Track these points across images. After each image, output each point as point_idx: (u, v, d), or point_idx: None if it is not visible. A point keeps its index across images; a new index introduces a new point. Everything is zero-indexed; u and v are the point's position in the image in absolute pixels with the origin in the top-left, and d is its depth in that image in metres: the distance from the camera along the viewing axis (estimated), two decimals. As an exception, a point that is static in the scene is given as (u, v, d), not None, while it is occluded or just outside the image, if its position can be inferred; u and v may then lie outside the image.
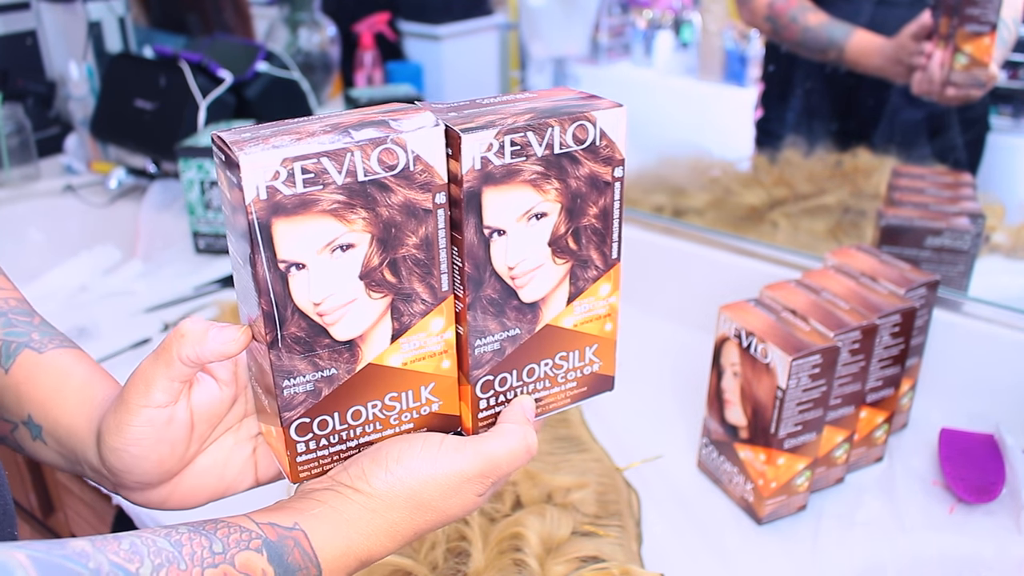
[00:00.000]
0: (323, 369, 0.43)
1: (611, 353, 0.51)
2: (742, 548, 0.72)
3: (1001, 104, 1.20)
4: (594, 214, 0.46)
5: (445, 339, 0.46)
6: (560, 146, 0.43)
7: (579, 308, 0.48)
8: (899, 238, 0.91)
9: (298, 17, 1.61)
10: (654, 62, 1.65)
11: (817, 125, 1.25)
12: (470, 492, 0.45)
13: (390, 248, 0.42)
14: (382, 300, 0.43)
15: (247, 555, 0.38)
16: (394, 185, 0.40)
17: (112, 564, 0.33)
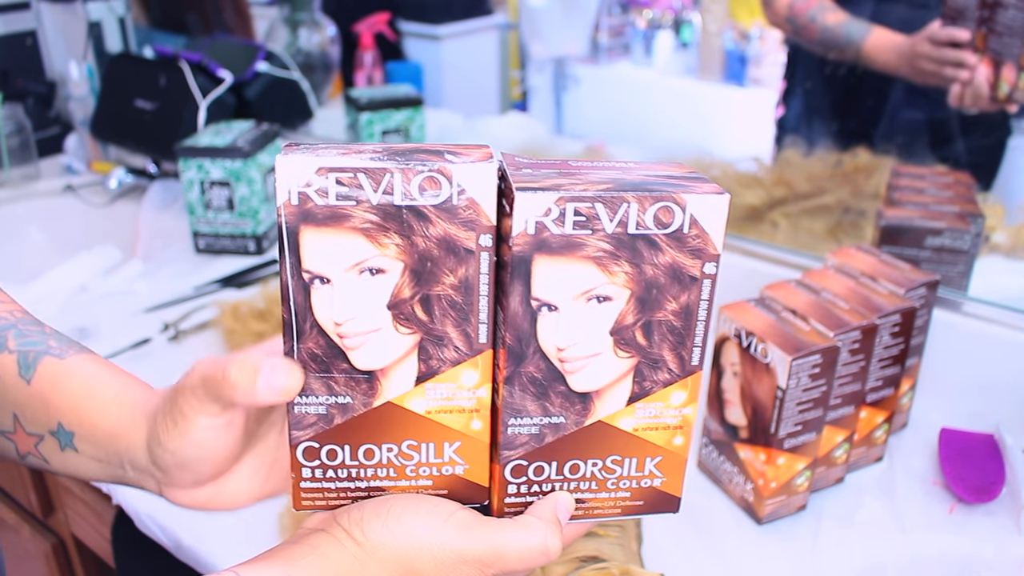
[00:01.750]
0: (338, 395, 0.41)
1: (679, 471, 0.45)
2: (742, 548, 0.72)
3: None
4: (673, 310, 0.41)
5: (478, 396, 0.41)
6: (636, 226, 0.38)
7: (641, 411, 0.43)
8: (899, 238, 0.91)
9: (298, 17, 1.61)
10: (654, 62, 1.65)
11: (838, 123, 1.25)
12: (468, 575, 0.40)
13: (424, 283, 0.39)
14: (410, 336, 0.40)
15: None
16: (434, 216, 0.38)
17: None
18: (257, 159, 1.25)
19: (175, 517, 0.77)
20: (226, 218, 1.27)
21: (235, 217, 1.27)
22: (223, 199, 1.26)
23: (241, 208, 1.26)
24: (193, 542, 0.74)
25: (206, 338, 1.07)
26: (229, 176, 1.24)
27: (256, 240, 1.28)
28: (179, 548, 0.75)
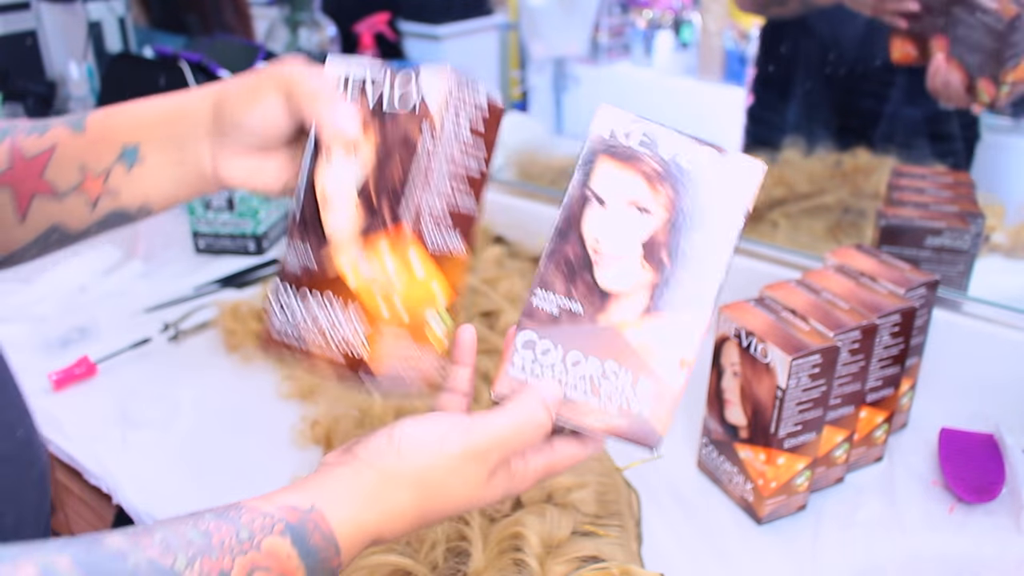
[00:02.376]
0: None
1: (668, 407, 0.47)
2: (742, 548, 0.73)
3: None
4: (698, 243, 0.46)
5: (386, 272, 0.46)
6: (687, 161, 0.46)
7: (649, 329, 0.46)
8: (899, 238, 0.91)
9: (298, 17, 1.61)
10: (654, 62, 1.65)
11: (808, 111, 1.24)
12: (476, 473, 0.45)
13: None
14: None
15: (272, 540, 0.39)
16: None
17: (149, 561, 0.35)
18: (257, 159, 1.25)
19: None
20: (226, 218, 1.27)
21: (235, 217, 1.27)
22: (223, 199, 1.26)
23: (241, 208, 1.27)
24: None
25: (206, 338, 1.07)
26: (229, 176, 1.24)
27: (256, 240, 1.28)
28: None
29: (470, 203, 0.48)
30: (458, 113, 0.46)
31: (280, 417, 0.90)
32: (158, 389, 0.95)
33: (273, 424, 0.89)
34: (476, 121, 0.48)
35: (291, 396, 0.94)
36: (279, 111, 0.49)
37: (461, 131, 0.47)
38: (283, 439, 0.87)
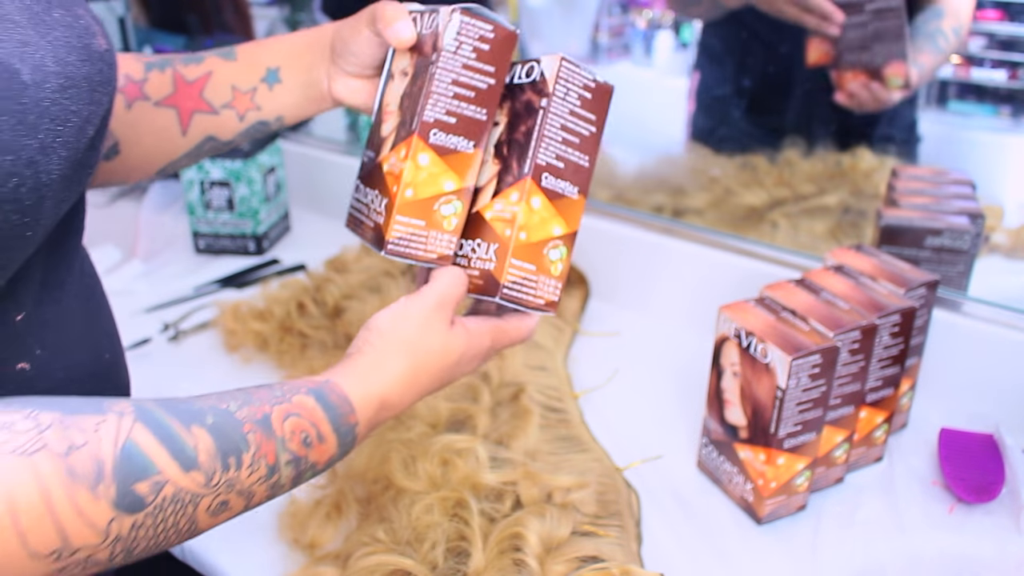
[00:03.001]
0: None
1: (504, 257, 0.57)
2: (742, 548, 0.73)
3: (1001, 104, 1.20)
4: (522, 131, 0.58)
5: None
6: (516, 78, 0.59)
7: (497, 206, 0.58)
8: (899, 238, 0.91)
9: (298, 17, 1.61)
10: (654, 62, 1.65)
11: (750, 116, 1.25)
12: (440, 321, 0.57)
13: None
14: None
15: (300, 396, 0.50)
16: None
17: (210, 406, 0.46)
18: (257, 159, 1.26)
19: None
20: (226, 218, 1.27)
21: (235, 217, 1.27)
22: (223, 199, 1.26)
23: (241, 208, 1.26)
24: (194, 543, 0.74)
25: (206, 338, 1.07)
26: (229, 176, 1.24)
27: (256, 240, 1.28)
28: (181, 549, 0.75)
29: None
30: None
31: (280, 417, 0.90)
32: (158, 389, 0.95)
33: (273, 424, 0.89)
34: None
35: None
36: (370, 39, 0.62)
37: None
38: (283, 439, 0.87)
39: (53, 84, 0.43)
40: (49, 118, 0.42)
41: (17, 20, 0.43)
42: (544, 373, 0.94)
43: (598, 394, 0.94)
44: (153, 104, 0.67)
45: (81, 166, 0.47)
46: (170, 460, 0.42)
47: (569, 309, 1.08)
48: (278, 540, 0.74)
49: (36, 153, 0.40)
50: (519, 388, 0.88)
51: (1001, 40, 1.17)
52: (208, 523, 0.45)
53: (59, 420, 0.39)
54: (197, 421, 0.44)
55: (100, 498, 0.39)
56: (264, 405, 0.48)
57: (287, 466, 0.48)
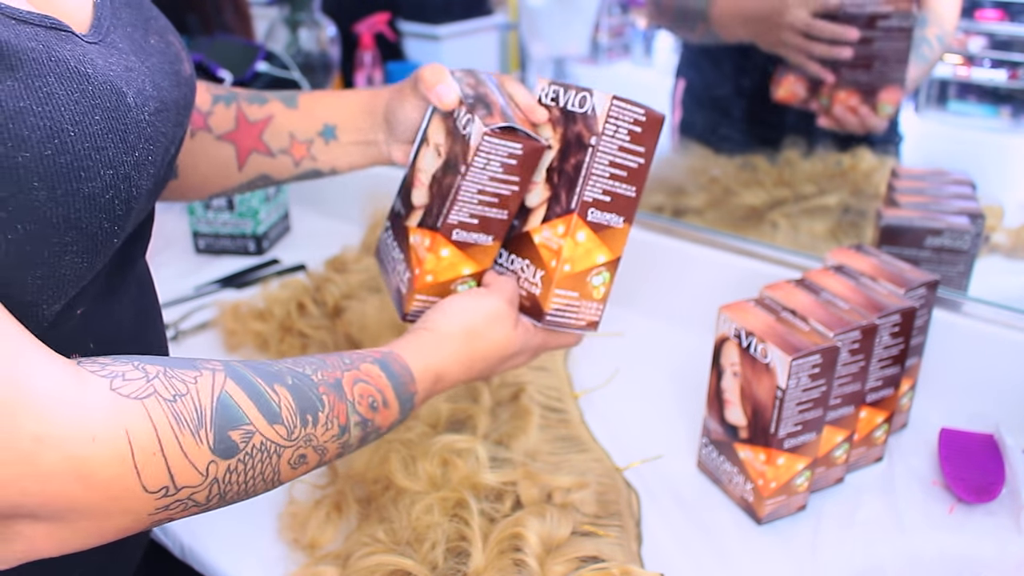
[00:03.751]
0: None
1: (549, 288, 0.63)
2: (742, 548, 0.73)
3: (1001, 104, 1.20)
4: (572, 164, 0.61)
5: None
6: (570, 106, 0.62)
7: (545, 232, 0.63)
8: (899, 238, 0.91)
9: (298, 17, 1.61)
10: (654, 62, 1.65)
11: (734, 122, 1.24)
12: (507, 321, 0.64)
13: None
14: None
15: (367, 364, 0.55)
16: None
17: (288, 368, 0.50)
18: (257, 159, 1.25)
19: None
20: (226, 218, 1.27)
21: (235, 217, 1.27)
22: (223, 199, 1.26)
23: (241, 208, 1.27)
24: (195, 543, 0.74)
25: (206, 338, 1.07)
26: (229, 176, 1.24)
27: (256, 240, 1.28)
28: (181, 549, 0.75)
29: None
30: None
31: (280, 417, 0.90)
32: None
33: (273, 424, 0.89)
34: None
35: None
36: (416, 105, 0.68)
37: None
38: (283, 439, 0.87)
39: (151, 107, 0.47)
40: (144, 138, 0.45)
41: (121, 47, 0.47)
42: (544, 373, 0.94)
43: (598, 394, 0.94)
44: (215, 137, 0.72)
45: (162, 181, 0.52)
46: (258, 413, 0.46)
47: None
48: (278, 540, 0.74)
49: (131, 169, 0.44)
50: (519, 388, 0.88)
51: (1001, 40, 1.17)
52: (289, 474, 0.49)
53: (163, 371, 0.43)
54: (279, 381, 0.48)
55: (201, 442, 0.43)
56: (336, 371, 0.52)
57: (356, 427, 0.52)
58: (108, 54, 0.45)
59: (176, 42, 0.54)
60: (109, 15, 0.48)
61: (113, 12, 0.49)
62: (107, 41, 0.46)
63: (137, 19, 0.51)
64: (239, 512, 0.77)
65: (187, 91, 0.53)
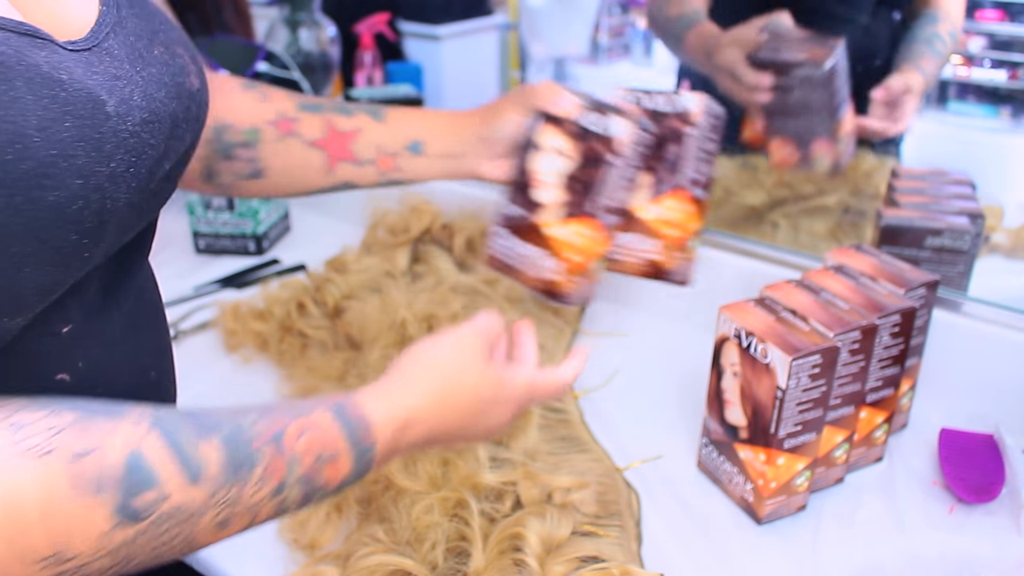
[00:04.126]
0: (522, 209, 0.74)
1: (671, 249, 0.76)
2: (742, 548, 0.73)
3: (1001, 104, 1.20)
4: (672, 151, 0.73)
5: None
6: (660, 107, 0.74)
7: (654, 210, 0.75)
8: (899, 238, 0.91)
9: (298, 17, 1.61)
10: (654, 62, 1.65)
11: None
12: (474, 345, 0.59)
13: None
14: (567, 195, 0.72)
15: (320, 413, 0.50)
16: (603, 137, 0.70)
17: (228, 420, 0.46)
18: (257, 159, 1.25)
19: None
20: (226, 218, 1.27)
21: (235, 217, 1.27)
22: (223, 199, 1.26)
23: (241, 208, 1.27)
24: (193, 542, 0.74)
25: (206, 338, 1.07)
26: (229, 176, 1.24)
27: (256, 240, 1.28)
28: (179, 548, 0.75)
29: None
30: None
31: (280, 417, 0.90)
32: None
33: (273, 424, 0.89)
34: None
35: (291, 396, 0.94)
36: (518, 121, 0.73)
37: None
38: (283, 439, 0.87)
39: (136, 118, 0.45)
40: (125, 149, 0.43)
41: (116, 54, 0.46)
42: (544, 373, 0.94)
43: (598, 394, 0.94)
44: (304, 143, 0.74)
45: (153, 195, 0.49)
46: (175, 472, 0.41)
47: (569, 309, 1.08)
48: (278, 540, 0.74)
49: (105, 180, 0.42)
50: (519, 388, 0.88)
51: (1001, 40, 1.17)
52: (210, 538, 0.45)
53: (75, 422, 0.40)
54: (210, 433, 0.44)
55: (100, 506, 0.39)
56: (282, 420, 0.48)
57: (297, 484, 0.48)
58: (96, 61, 0.44)
59: (185, 55, 0.53)
60: (112, 23, 0.47)
61: (118, 20, 0.48)
62: (101, 47, 0.45)
63: (143, 29, 0.50)
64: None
65: (190, 104, 0.52)
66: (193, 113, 0.52)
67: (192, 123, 0.53)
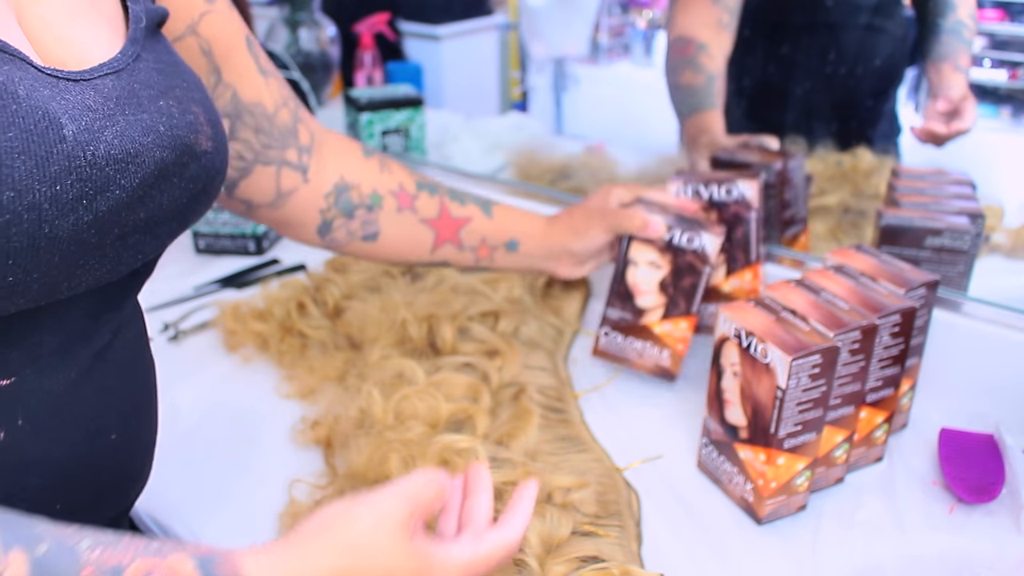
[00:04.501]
0: (625, 312, 0.92)
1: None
2: (742, 548, 0.73)
3: (1001, 104, 1.20)
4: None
5: (683, 333, 0.91)
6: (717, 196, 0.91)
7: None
8: (899, 238, 0.91)
9: (298, 17, 1.61)
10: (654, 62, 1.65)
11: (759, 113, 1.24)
12: (398, 534, 0.47)
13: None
14: (663, 298, 0.90)
15: (179, 558, 0.41)
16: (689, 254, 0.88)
17: (60, 536, 0.38)
18: (257, 159, 1.25)
19: (175, 517, 0.77)
20: (226, 218, 1.27)
21: (235, 217, 1.27)
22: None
23: (241, 208, 1.26)
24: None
25: (206, 338, 1.07)
26: (229, 176, 1.24)
27: (256, 240, 1.28)
28: (179, 548, 0.75)
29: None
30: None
31: (280, 417, 0.90)
32: (158, 389, 0.95)
33: (273, 424, 0.89)
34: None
35: (291, 396, 0.94)
36: (599, 239, 0.88)
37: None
38: (283, 439, 0.87)
39: (101, 151, 0.43)
40: (78, 177, 0.42)
41: (104, 92, 0.45)
42: (544, 373, 0.94)
43: (598, 394, 0.94)
44: (418, 219, 0.82)
45: (124, 244, 0.47)
46: None
47: (569, 309, 1.08)
48: (277, 537, 0.73)
49: (45, 201, 0.40)
50: (519, 388, 0.88)
51: (1001, 40, 1.17)
52: None
53: None
54: (25, 544, 0.37)
55: None
56: (127, 553, 0.40)
57: None
58: (74, 91, 0.44)
59: (201, 115, 0.51)
60: (119, 66, 0.47)
61: (127, 66, 0.48)
62: (91, 83, 0.45)
63: (157, 82, 0.49)
64: (239, 512, 0.77)
65: (189, 162, 0.49)
66: (192, 172, 0.50)
67: (190, 183, 0.50)
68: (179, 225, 0.52)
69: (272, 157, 0.73)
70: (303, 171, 0.76)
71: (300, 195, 0.76)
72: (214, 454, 0.85)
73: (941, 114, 1.09)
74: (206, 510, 0.77)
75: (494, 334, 0.96)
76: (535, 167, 1.42)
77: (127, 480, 0.57)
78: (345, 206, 0.78)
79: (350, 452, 0.78)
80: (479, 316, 0.99)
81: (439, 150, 1.51)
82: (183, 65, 0.54)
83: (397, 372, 0.88)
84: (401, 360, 0.89)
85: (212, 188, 0.54)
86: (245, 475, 0.81)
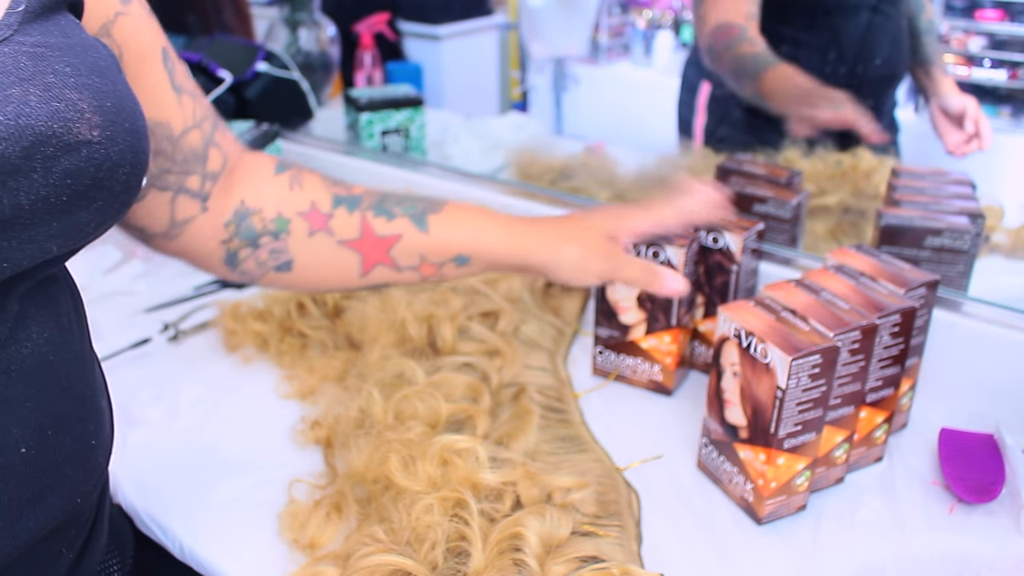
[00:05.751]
0: (613, 330, 0.94)
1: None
2: (742, 548, 0.73)
3: (1001, 104, 1.20)
4: (720, 282, 0.91)
5: (670, 349, 0.91)
6: (706, 243, 0.90)
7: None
8: (899, 238, 0.91)
9: (298, 17, 1.61)
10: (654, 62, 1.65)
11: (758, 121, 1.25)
12: None
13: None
14: (643, 314, 0.91)
15: None
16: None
17: None
18: (257, 159, 1.25)
19: (175, 517, 0.77)
20: (226, 218, 1.27)
21: (235, 217, 1.27)
22: (223, 199, 1.26)
23: (241, 208, 1.26)
24: (195, 543, 0.74)
25: (206, 338, 1.07)
26: (229, 176, 1.24)
27: (256, 240, 1.28)
28: (181, 549, 0.75)
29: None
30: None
31: (280, 417, 0.90)
32: (158, 389, 0.95)
33: (273, 424, 0.89)
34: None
35: (291, 396, 0.94)
36: (593, 279, 0.74)
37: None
38: (283, 439, 0.87)
39: None
40: None
41: None
42: (544, 373, 0.94)
43: (598, 394, 0.94)
44: (337, 242, 0.70)
45: None
46: None
47: (569, 309, 1.08)
48: (278, 540, 0.74)
49: None
50: (519, 388, 0.88)
51: (1001, 40, 1.17)
52: None
53: None
54: None
55: None
56: None
57: None
58: None
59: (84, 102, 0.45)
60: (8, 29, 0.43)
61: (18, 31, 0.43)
62: None
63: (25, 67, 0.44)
64: (239, 512, 0.77)
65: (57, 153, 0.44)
66: (66, 166, 0.44)
67: (64, 177, 0.44)
68: (66, 226, 0.46)
69: (169, 183, 0.66)
70: (202, 199, 0.67)
71: (197, 225, 0.68)
72: (214, 454, 0.85)
73: (964, 136, 1.11)
74: (206, 510, 0.77)
75: (494, 334, 0.96)
76: (535, 167, 1.42)
77: (65, 485, 0.53)
78: (248, 234, 0.69)
79: (350, 452, 0.78)
80: (479, 316, 0.99)
81: (439, 150, 1.51)
82: (80, 49, 0.47)
83: (397, 372, 0.88)
84: (401, 360, 0.89)
85: (110, 182, 0.47)
86: (245, 475, 0.81)
